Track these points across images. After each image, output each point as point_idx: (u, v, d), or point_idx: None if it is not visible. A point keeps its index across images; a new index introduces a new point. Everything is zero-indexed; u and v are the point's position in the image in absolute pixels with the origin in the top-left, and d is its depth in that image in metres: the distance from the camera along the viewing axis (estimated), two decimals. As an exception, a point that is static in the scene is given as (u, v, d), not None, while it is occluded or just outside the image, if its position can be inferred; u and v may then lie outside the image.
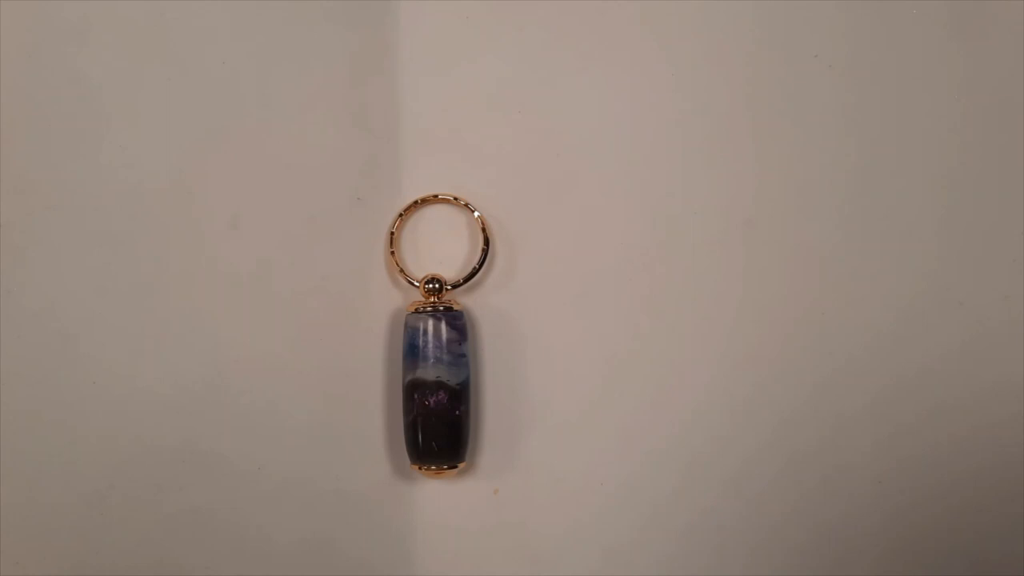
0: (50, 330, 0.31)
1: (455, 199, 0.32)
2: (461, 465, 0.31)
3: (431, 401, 0.31)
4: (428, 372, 0.31)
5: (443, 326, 0.31)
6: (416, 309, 0.31)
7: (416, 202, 0.32)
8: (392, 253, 0.32)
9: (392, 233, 0.32)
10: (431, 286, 0.32)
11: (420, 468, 0.31)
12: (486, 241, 0.32)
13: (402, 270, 0.32)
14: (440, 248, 0.32)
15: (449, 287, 0.32)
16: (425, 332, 0.31)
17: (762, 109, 0.33)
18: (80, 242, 0.31)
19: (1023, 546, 0.32)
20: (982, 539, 0.32)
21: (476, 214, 0.32)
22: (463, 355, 0.31)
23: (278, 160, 0.32)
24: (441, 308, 0.31)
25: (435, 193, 0.32)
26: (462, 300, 0.32)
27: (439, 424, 0.31)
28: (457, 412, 0.31)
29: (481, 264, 0.32)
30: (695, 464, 0.32)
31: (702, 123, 0.32)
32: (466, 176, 0.32)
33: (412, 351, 0.31)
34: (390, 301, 0.32)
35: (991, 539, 0.32)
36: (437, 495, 0.32)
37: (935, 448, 0.32)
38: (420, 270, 0.32)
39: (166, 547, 0.31)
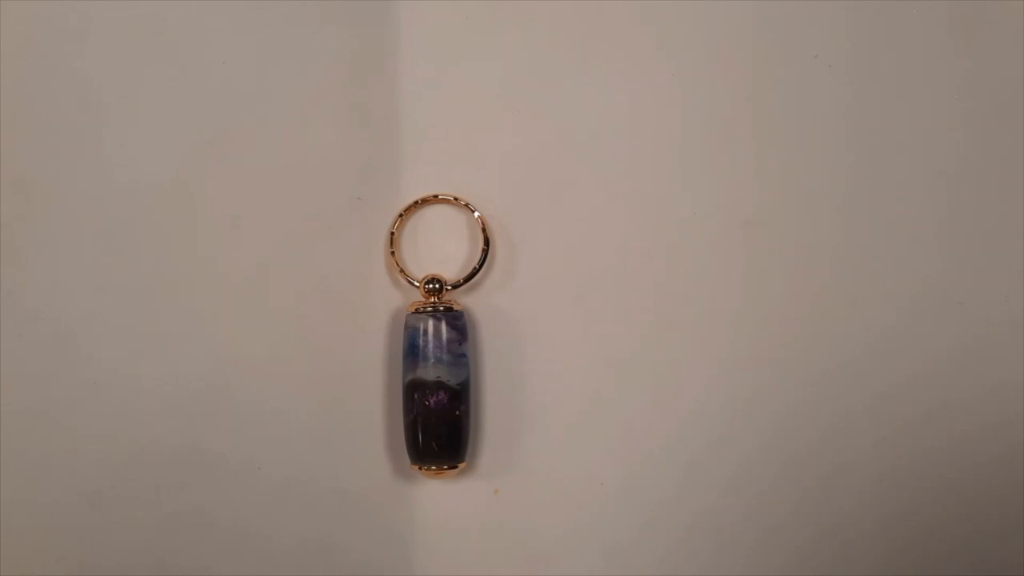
0: (50, 330, 0.31)
1: (455, 199, 0.32)
2: (461, 465, 0.31)
3: (431, 401, 0.31)
4: (428, 372, 0.31)
5: (443, 326, 0.31)
6: (416, 309, 0.31)
7: (416, 202, 0.32)
8: (392, 253, 0.32)
9: (392, 233, 0.32)
10: (431, 286, 0.31)
11: (420, 468, 0.31)
12: (486, 241, 0.32)
13: (402, 270, 0.32)
14: (440, 248, 0.32)
15: (449, 287, 0.32)
16: (425, 332, 0.31)
17: (762, 109, 0.33)
18: (80, 242, 0.31)
19: (1023, 546, 0.32)
20: (982, 539, 0.32)
21: (476, 214, 0.32)
22: (463, 355, 0.31)
23: (278, 160, 0.32)
24: (441, 308, 0.31)
25: (435, 193, 0.32)
26: (462, 300, 0.32)
27: (439, 424, 0.31)
28: (457, 412, 0.31)
29: (481, 264, 0.32)
30: (695, 464, 0.32)
31: (702, 123, 0.32)
32: (466, 176, 0.32)
33: (412, 351, 0.31)
34: (390, 301, 0.32)
35: (991, 539, 0.32)
36: (437, 495, 0.32)
37: (935, 448, 0.32)
38: (420, 270, 0.32)
39: (166, 547, 0.31)
